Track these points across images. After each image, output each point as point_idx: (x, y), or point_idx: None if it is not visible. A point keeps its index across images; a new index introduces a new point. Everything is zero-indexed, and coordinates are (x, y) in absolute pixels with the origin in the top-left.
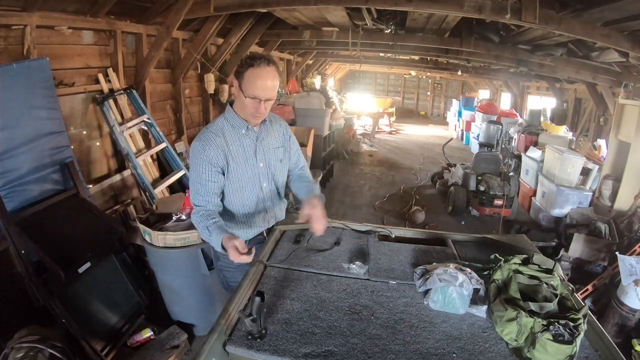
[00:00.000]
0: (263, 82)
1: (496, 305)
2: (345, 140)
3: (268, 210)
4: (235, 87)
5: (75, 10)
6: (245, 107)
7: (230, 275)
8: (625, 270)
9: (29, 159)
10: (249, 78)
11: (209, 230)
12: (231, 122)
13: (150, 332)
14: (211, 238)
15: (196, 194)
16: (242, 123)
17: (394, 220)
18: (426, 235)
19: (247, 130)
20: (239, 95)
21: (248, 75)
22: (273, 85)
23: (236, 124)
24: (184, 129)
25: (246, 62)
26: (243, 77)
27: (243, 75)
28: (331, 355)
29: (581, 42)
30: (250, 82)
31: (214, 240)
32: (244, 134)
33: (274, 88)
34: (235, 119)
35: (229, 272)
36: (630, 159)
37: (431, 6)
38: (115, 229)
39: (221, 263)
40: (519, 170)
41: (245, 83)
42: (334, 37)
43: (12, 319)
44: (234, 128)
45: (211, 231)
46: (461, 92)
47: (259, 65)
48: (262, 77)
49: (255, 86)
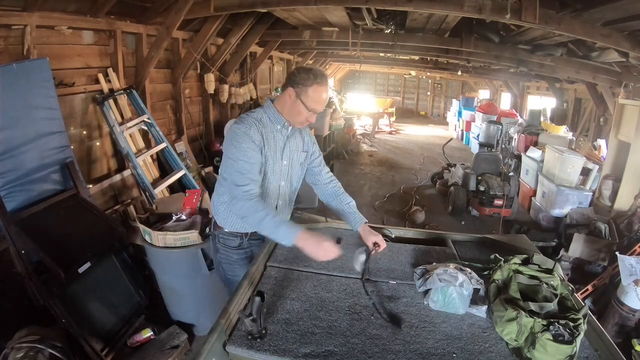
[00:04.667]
0: (325, 99)
1: (496, 305)
2: (345, 140)
3: (278, 210)
4: (292, 95)
5: (75, 10)
6: (299, 114)
7: (229, 269)
8: (625, 270)
9: (29, 159)
10: (315, 94)
11: (272, 217)
12: (270, 116)
13: (150, 332)
14: (278, 231)
15: (240, 174)
16: (280, 119)
17: (394, 220)
18: (426, 235)
19: (282, 127)
20: (294, 104)
21: (314, 91)
22: (327, 100)
23: (274, 119)
24: (184, 129)
25: (310, 77)
26: (307, 91)
27: (307, 90)
28: (331, 355)
29: (581, 42)
30: (314, 98)
31: (282, 234)
32: (279, 130)
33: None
34: (275, 115)
35: (228, 265)
36: (630, 159)
37: (431, 6)
38: (115, 229)
39: (220, 255)
40: (519, 170)
41: (309, 96)
42: (334, 37)
43: (12, 319)
44: (271, 122)
45: (278, 223)
46: (461, 92)
47: (322, 82)
48: (324, 93)
49: (319, 102)
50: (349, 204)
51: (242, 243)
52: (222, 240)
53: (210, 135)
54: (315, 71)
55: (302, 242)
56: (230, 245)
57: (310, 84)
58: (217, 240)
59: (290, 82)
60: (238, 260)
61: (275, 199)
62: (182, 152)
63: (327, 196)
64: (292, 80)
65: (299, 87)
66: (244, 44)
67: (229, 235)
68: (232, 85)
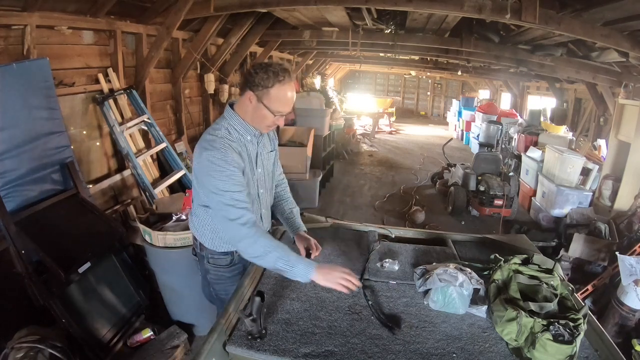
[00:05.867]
0: (291, 98)
1: (496, 305)
2: (345, 140)
3: (263, 220)
4: (252, 99)
5: (75, 10)
6: (264, 119)
7: (222, 288)
8: (625, 270)
9: (29, 159)
10: (277, 94)
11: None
12: (236, 127)
13: (150, 332)
14: (294, 270)
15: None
16: (247, 128)
17: (394, 220)
18: (426, 235)
19: (252, 137)
20: (257, 109)
21: (276, 92)
22: (294, 97)
23: (241, 130)
24: (184, 129)
25: (269, 75)
26: (269, 92)
27: (269, 91)
28: (331, 355)
29: (581, 42)
30: (278, 99)
31: (300, 272)
32: (249, 140)
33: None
34: (240, 124)
35: (220, 284)
36: (630, 159)
37: (431, 6)
38: (115, 229)
39: (211, 276)
40: (519, 170)
41: (271, 99)
42: (334, 37)
43: (12, 319)
44: (239, 133)
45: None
46: (461, 92)
47: (284, 79)
48: (289, 92)
49: (284, 102)
50: (291, 210)
51: (234, 259)
52: (212, 260)
53: None
54: (275, 67)
55: (320, 277)
56: (222, 265)
57: (272, 84)
58: (207, 261)
59: (248, 85)
60: (231, 277)
61: (258, 209)
62: (182, 152)
63: (276, 201)
64: (249, 82)
65: (259, 90)
66: (244, 44)
67: (220, 255)
68: (232, 85)
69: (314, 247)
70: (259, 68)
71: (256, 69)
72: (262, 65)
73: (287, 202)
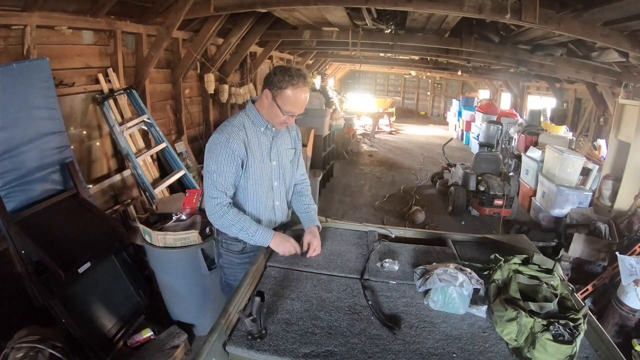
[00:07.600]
0: (302, 101)
1: (496, 305)
2: (345, 140)
3: (276, 210)
4: (268, 97)
5: (75, 10)
6: (276, 116)
7: (230, 273)
8: (625, 270)
9: (29, 159)
10: (289, 96)
11: (248, 227)
12: (252, 119)
13: (150, 332)
14: (254, 238)
15: (212, 186)
16: (262, 121)
17: (394, 220)
18: (426, 235)
19: (265, 129)
20: (271, 106)
21: (288, 94)
22: (307, 101)
23: (257, 122)
24: (184, 129)
25: (285, 78)
26: (282, 93)
27: (282, 92)
28: (331, 355)
29: (581, 42)
30: (289, 101)
31: (260, 237)
32: (263, 132)
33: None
34: (257, 117)
35: (230, 269)
36: (630, 159)
37: (431, 6)
38: (115, 229)
39: (223, 260)
40: (519, 170)
41: (283, 99)
42: (334, 37)
43: (12, 319)
44: (254, 125)
45: (255, 228)
46: (461, 92)
47: (298, 84)
48: (301, 96)
49: (295, 105)
50: (308, 206)
51: (245, 248)
52: (225, 245)
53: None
54: (292, 72)
55: (273, 244)
56: (233, 250)
57: (286, 86)
58: (220, 245)
59: (266, 84)
60: (240, 264)
61: (271, 200)
62: (182, 152)
63: (294, 196)
64: (268, 82)
65: (275, 89)
66: (244, 44)
67: (233, 240)
68: (232, 85)
69: (312, 248)
70: (279, 70)
71: (276, 70)
72: (282, 68)
73: (305, 198)
